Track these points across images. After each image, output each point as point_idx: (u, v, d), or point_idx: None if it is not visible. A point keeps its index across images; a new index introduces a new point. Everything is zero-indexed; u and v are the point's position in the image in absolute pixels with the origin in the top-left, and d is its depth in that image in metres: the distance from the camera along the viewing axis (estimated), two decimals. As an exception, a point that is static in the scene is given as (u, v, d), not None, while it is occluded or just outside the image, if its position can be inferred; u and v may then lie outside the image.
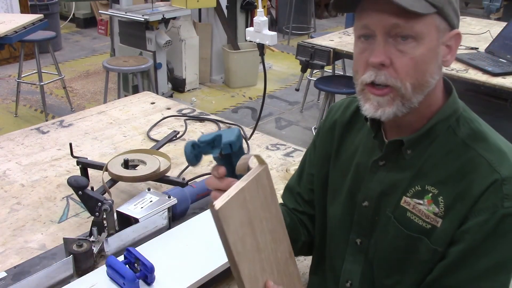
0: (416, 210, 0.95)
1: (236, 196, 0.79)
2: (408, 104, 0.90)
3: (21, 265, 1.24)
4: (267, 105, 4.88)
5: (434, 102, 0.95)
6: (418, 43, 0.86)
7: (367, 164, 1.03)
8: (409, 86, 0.88)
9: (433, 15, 0.86)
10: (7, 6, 5.67)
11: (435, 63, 0.90)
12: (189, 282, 1.14)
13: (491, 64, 2.91)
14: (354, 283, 1.06)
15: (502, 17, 5.81)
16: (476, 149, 0.92)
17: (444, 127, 0.94)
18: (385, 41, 0.87)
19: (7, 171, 1.71)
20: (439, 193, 0.92)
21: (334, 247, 1.11)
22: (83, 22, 7.65)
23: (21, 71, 4.41)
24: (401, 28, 0.85)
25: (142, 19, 4.22)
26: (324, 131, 1.16)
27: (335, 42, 3.50)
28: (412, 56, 0.87)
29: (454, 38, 0.91)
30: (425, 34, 0.86)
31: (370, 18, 0.88)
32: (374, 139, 1.02)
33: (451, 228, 0.91)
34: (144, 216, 1.31)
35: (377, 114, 0.91)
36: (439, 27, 0.88)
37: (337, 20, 8.41)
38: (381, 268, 1.01)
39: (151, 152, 1.66)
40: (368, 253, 1.03)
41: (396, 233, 0.97)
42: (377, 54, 0.87)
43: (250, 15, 5.41)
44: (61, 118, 2.13)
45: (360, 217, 1.04)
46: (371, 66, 0.89)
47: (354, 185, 1.05)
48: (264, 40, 1.68)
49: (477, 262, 0.89)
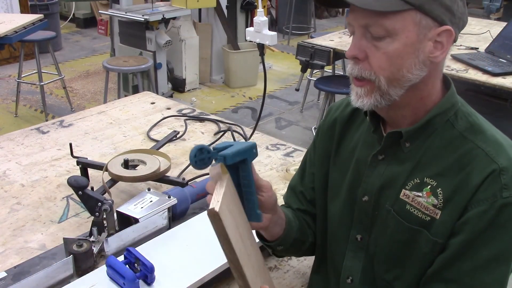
0: (415, 202, 0.95)
1: (224, 200, 0.79)
2: (386, 97, 0.92)
3: (21, 265, 1.24)
4: (267, 105, 4.88)
5: (428, 97, 0.96)
6: (393, 39, 0.88)
7: (366, 159, 1.04)
8: (383, 80, 0.91)
9: (410, 11, 0.87)
10: (7, 6, 5.67)
11: (414, 59, 0.90)
12: (189, 282, 1.14)
13: (491, 64, 2.91)
14: (355, 279, 1.07)
15: (502, 17, 5.82)
16: (473, 141, 0.93)
17: (442, 120, 0.96)
18: (362, 36, 0.91)
19: (7, 171, 1.71)
20: (438, 185, 0.93)
21: (335, 244, 1.12)
22: (83, 22, 7.65)
23: (21, 71, 4.41)
24: (372, 27, 0.89)
25: (142, 19, 4.22)
26: (324, 130, 1.17)
27: (335, 42, 3.51)
28: (385, 51, 0.89)
29: (444, 34, 0.90)
30: (400, 30, 0.88)
31: (350, 17, 0.93)
32: (373, 134, 1.03)
33: (450, 220, 0.91)
34: (144, 216, 1.31)
35: (358, 103, 0.95)
36: (420, 23, 0.88)
37: (337, 20, 8.41)
38: (382, 263, 1.02)
39: (151, 152, 1.66)
40: (369, 249, 1.04)
41: (396, 227, 0.98)
42: (351, 48, 0.93)
43: (250, 15, 5.41)
44: (61, 118, 2.13)
45: (360, 213, 1.05)
46: (348, 58, 0.94)
47: (354, 181, 1.06)
48: (264, 40, 1.68)
49: (477, 253, 0.89)
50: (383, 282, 1.02)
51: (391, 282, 1.01)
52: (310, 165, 1.20)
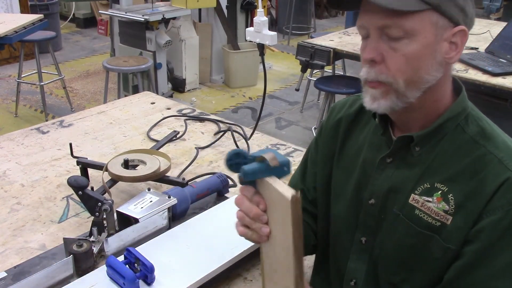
0: (425, 207, 0.94)
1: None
2: (403, 99, 0.91)
3: (21, 265, 1.24)
4: (267, 105, 4.88)
5: (441, 100, 0.95)
6: (411, 40, 0.87)
7: (373, 161, 1.03)
8: (401, 82, 0.89)
9: (427, 12, 0.86)
10: (7, 6, 5.67)
11: (431, 60, 0.89)
12: (189, 282, 1.14)
13: (491, 64, 2.91)
14: (358, 282, 1.06)
15: (502, 17, 5.81)
16: (485, 146, 0.92)
17: (453, 125, 0.95)
18: (378, 39, 0.89)
19: (7, 171, 1.71)
20: (449, 191, 0.92)
21: (338, 246, 1.11)
22: (83, 22, 7.65)
23: (21, 71, 4.42)
24: (390, 28, 0.87)
25: (142, 19, 4.22)
26: (327, 129, 1.16)
27: (335, 42, 3.50)
28: (403, 53, 0.88)
29: (458, 34, 0.90)
30: (418, 31, 0.87)
31: (363, 19, 0.91)
32: (381, 136, 1.02)
33: (464, 227, 0.90)
34: (144, 216, 1.31)
35: (373, 106, 0.93)
36: (437, 24, 0.88)
37: (337, 20, 8.41)
38: (387, 266, 1.01)
39: (151, 152, 1.66)
40: (373, 252, 1.03)
41: (406, 231, 0.97)
42: (368, 51, 0.90)
43: (250, 15, 5.41)
44: (61, 118, 2.13)
45: (366, 215, 1.04)
46: (365, 62, 0.92)
47: (360, 183, 1.05)
48: (264, 40, 1.68)
49: (493, 261, 0.88)
50: (389, 285, 1.01)
51: (397, 285, 1.00)
52: (312, 164, 1.19)
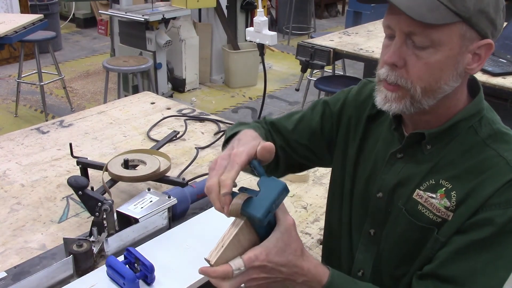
0: (427, 203, 0.95)
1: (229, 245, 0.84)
2: (417, 105, 0.91)
3: (21, 265, 1.24)
4: (267, 105, 4.88)
5: (454, 105, 0.95)
6: (436, 50, 0.86)
7: (384, 155, 1.03)
8: (419, 90, 0.89)
9: (457, 24, 0.85)
10: (7, 6, 5.67)
11: (453, 71, 0.89)
12: (189, 282, 1.14)
13: (491, 64, 2.91)
14: (366, 273, 1.07)
15: (502, 17, 5.81)
16: (496, 149, 0.92)
17: (466, 126, 0.95)
18: (403, 43, 0.88)
19: (7, 171, 1.71)
20: (453, 188, 0.93)
21: (347, 237, 1.12)
22: (83, 22, 7.65)
23: (21, 71, 4.41)
24: (417, 35, 0.86)
25: (142, 19, 4.22)
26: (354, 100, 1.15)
27: (335, 42, 3.50)
28: (426, 61, 0.87)
29: (484, 47, 0.90)
30: (445, 42, 0.86)
31: (391, 20, 0.89)
32: (394, 131, 1.02)
33: (460, 220, 0.91)
34: (144, 216, 1.31)
35: (385, 107, 0.93)
36: (465, 36, 0.87)
37: (337, 20, 8.41)
38: (391, 259, 1.02)
39: (151, 152, 1.66)
40: (381, 244, 1.05)
41: (407, 225, 0.98)
42: (391, 55, 0.89)
43: (250, 15, 5.41)
44: (61, 118, 2.13)
45: (374, 208, 1.05)
46: (385, 64, 0.91)
47: (370, 176, 1.06)
48: (264, 40, 1.69)
49: (479, 255, 0.89)
50: (392, 278, 1.03)
51: (399, 278, 1.01)
52: (307, 125, 1.17)
